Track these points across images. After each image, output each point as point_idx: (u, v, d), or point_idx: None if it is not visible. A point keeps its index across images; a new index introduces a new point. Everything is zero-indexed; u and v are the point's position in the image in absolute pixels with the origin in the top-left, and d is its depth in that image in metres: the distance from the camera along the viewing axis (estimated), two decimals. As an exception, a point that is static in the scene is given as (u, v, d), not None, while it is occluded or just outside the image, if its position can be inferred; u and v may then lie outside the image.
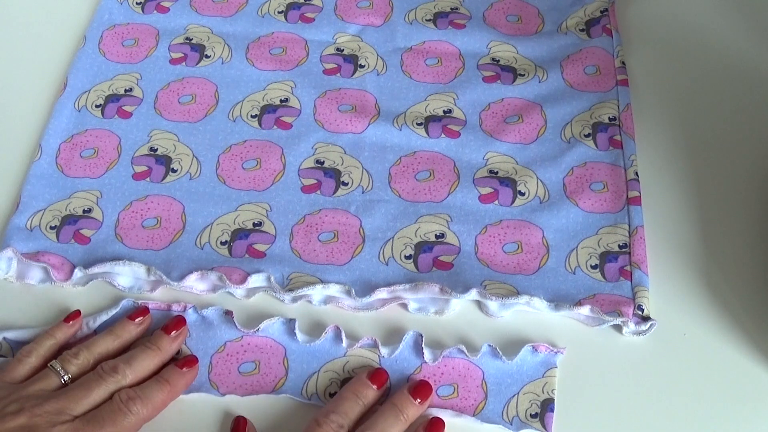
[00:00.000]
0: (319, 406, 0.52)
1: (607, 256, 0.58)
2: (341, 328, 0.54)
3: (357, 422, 0.50)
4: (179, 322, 0.54)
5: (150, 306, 0.55)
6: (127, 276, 0.58)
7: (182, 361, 0.52)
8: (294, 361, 0.54)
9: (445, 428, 0.50)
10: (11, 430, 0.46)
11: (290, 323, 0.55)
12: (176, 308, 0.55)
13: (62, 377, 0.50)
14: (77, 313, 0.54)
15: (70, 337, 0.54)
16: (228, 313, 0.55)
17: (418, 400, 0.50)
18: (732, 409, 0.52)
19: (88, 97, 0.67)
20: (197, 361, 0.53)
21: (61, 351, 0.52)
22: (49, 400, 0.47)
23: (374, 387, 0.51)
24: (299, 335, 0.54)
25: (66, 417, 0.47)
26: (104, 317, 0.55)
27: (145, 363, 0.51)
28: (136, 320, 0.54)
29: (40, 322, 0.55)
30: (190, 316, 0.55)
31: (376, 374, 0.52)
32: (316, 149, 0.64)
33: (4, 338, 0.54)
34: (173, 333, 0.53)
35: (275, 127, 0.65)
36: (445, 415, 0.51)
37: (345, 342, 0.54)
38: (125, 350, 0.53)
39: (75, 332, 0.54)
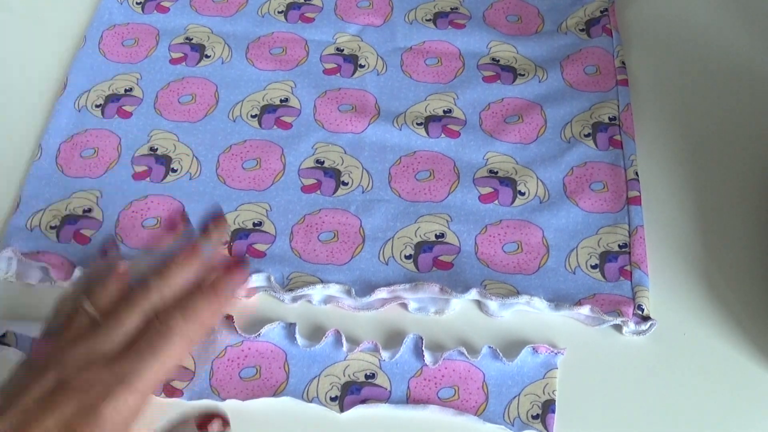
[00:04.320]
0: (320, 408, 0.52)
1: (607, 256, 0.58)
2: (341, 333, 0.54)
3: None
4: (218, 214, 0.44)
5: None
6: (127, 276, 0.58)
7: (229, 262, 0.43)
8: (295, 366, 0.54)
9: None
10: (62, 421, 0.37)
11: (290, 327, 0.54)
12: None
13: (93, 316, 0.40)
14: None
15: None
16: (228, 318, 0.55)
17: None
18: (732, 408, 0.52)
19: (88, 97, 0.67)
20: (247, 260, 0.44)
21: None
22: (75, 346, 0.39)
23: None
24: (299, 340, 0.54)
25: (98, 359, 0.38)
26: None
27: (183, 275, 0.42)
28: (175, 230, 0.44)
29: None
30: None
31: None
32: (316, 149, 0.64)
33: (13, 332, 0.54)
34: (210, 230, 0.44)
35: (275, 127, 0.65)
36: (447, 414, 0.51)
37: (345, 346, 0.54)
38: None
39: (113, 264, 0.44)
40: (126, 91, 0.67)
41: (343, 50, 0.70)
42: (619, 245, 0.58)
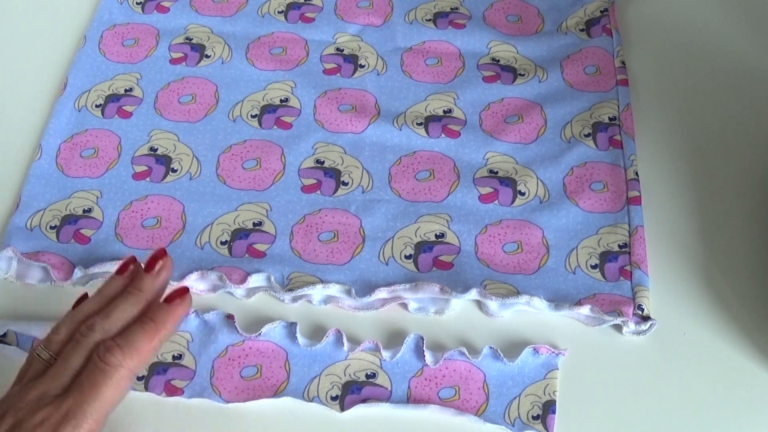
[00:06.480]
0: (320, 408, 0.52)
1: (607, 256, 0.58)
2: (342, 332, 0.54)
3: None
4: (160, 253, 0.47)
5: None
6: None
7: (170, 294, 0.46)
8: (295, 365, 0.54)
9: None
10: None
11: (292, 327, 0.55)
12: None
13: (46, 360, 0.44)
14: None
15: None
16: (229, 317, 0.55)
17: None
18: (732, 408, 0.52)
19: (88, 97, 0.67)
20: (188, 290, 0.46)
21: None
22: (29, 390, 0.42)
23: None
24: (300, 339, 0.54)
25: (48, 399, 0.42)
26: None
27: (126, 311, 0.45)
28: (124, 273, 0.47)
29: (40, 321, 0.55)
30: (192, 321, 0.55)
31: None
32: (316, 149, 0.64)
33: (14, 331, 0.54)
34: (155, 268, 0.47)
35: (275, 126, 0.65)
36: (448, 414, 0.51)
37: (346, 345, 0.54)
38: None
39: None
40: (126, 91, 0.67)
41: (343, 50, 0.70)
42: (619, 245, 0.58)
